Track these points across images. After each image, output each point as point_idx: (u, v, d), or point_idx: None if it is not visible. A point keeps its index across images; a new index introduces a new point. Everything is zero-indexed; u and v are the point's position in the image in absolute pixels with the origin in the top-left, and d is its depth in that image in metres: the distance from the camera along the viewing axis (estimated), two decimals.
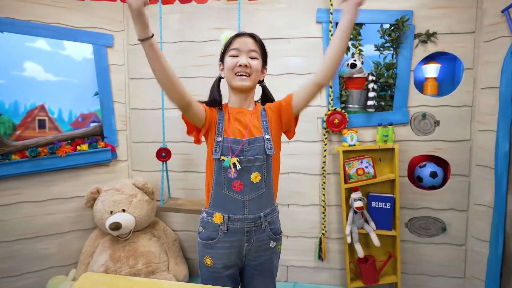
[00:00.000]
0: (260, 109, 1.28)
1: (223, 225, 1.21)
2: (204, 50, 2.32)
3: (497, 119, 2.03)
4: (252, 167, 1.19)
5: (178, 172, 2.40)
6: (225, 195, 1.21)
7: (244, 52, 1.21)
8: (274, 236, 1.27)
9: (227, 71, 1.24)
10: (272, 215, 1.27)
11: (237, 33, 1.25)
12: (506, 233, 2.03)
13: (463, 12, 2.09)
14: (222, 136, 1.21)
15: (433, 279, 2.28)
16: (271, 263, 1.29)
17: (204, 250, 1.24)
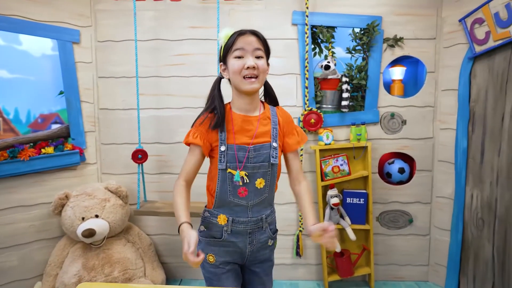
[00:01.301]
0: (270, 114, 1.24)
1: (227, 226, 1.20)
2: (178, 49, 2.27)
3: (456, 119, 2.23)
4: (257, 173, 1.18)
5: (152, 175, 2.33)
6: (230, 201, 1.20)
7: (249, 52, 1.14)
8: (272, 235, 1.29)
9: (234, 75, 1.16)
10: (272, 216, 1.29)
11: (239, 32, 1.16)
12: (465, 222, 2.23)
13: (425, 19, 2.26)
14: (226, 144, 1.17)
15: (401, 268, 2.44)
16: (269, 260, 1.32)
17: (207, 248, 1.23)
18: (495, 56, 2.02)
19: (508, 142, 1.98)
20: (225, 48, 1.18)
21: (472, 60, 2.12)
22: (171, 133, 2.31)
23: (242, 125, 1.19)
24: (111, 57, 2.28)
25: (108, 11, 2.25)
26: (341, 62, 2.35)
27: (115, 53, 2.27)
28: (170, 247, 2.41)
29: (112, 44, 2.27)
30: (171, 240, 2.40)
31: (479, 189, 2.14)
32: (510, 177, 1.98)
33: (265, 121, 1.21)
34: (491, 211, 2.08)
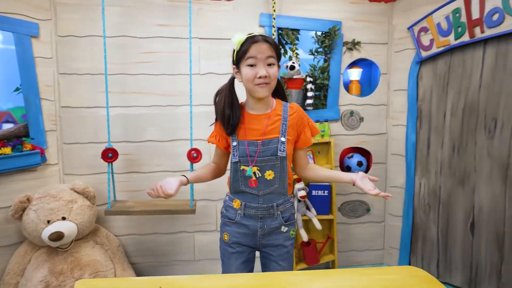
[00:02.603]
0: (281, 110, 1.31)
1: (241, 210, 1.34)
2: (147, 47, 2.24)
3: (406, 116, 2.49)
4: (265, 165, 1.29)
5: (120, 174, 2.28)
6: (242, 190, 1.33)
7: (261, 60, 1.20)
8: (285, 223, 1.37)
9: (247, 82, 1.24)
10: (285, 205, 1.37)
11: (252, 39, 1.20)
12: (414, 208, 2.50)
13: (379, 26, 2.48)
14: (237, 140, 1.29)
15: (360, 253, 2.66)
16: (285, 247, 1.38)
17: (224, 227, 1.40)
18: (438, 61, 2.30)
19: (449, 136, 2.27)
20: (238, 54, 1.24)
21: (419, 64, 2.39)
22: (139, 132, 2.28)
23: (253, 122, 1.30)
24: (73, 53, 2.19)
25: (68, 4, 2.16)
26: (304, 63, 2.49)
27: (78, 49, 2.19)
28: (139, 247, 2.38)
29: (75, 39, 2.18)
30: (140, 240, 2.37)
31: (426, 178, 2.42)
32: (451, 167, 2.27)
33: (275, 118, 1.31)
34: (436, 197, 2.37)
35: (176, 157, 2.32)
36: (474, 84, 2.13)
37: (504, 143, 2.01)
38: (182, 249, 2.41)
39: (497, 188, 2.05)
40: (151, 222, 2.36)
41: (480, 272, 2.16)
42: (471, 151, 2.16)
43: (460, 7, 2.10)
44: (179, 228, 2.40)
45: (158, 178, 2.28)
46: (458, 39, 2.13)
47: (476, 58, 2.11)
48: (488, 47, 2.05)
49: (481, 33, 2.03)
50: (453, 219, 2.28)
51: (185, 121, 2.27)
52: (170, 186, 1.29)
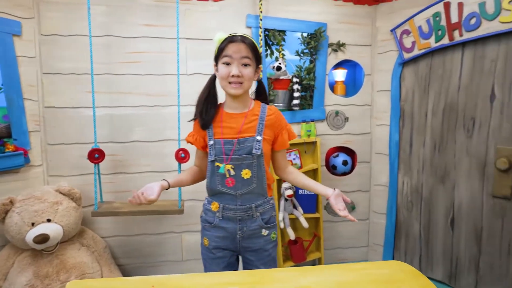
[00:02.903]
0: (259, 111, 1.34)
1: (219, 212, 1.33)
2: (133, 46, 2.23)
3: (389, 116, 2.55)
4: (242, 164, 1.29)
5: (107, 175, 2.25)
6: (219, 190, 1.32)
7: (236, 60, 1.24)
8: (265, 225, 1.36)
9: (221, 79, 1.29)
10: (264, 206, 1.36)
11: (230, 38, 1.26)
12: (398, 205, 2.58)
13: (363, 28, 2.54)
14: (214, 139, 1.30)
15: (346, 250, 2.72)
16: (265, 250, 1.37)
17: (203, 232, 1.39)
18: (419, 63, 2.37)
19: (431, 136, 2.35)
20: (217, 52, 1.30)
21: (401, 65, 2.46)
22: (126, 132, 2.27)
23: (230, 121, 1.31)
24: (57, 53, 2.15)
25: (52, 3, 2.12)
26: (291, 64, 2.53)
27: (62, 48, 2.15)
28: (126, 248, 2.36)
29: (59, 38, 2.15)
30: (127, 241, 2.35)
31: (408, 177, 2.49)
32: (432, 165, 2.35)
33: (252, 117, 1.32)
34: (418, 194, 2.44)
35: (163, 158, 2.32)
36: (454, 85, 2.21)
37: (482, 142, 2.09)
38: (169, 249, 2.41)
39: (475, 185, 2.13)
40: (138, 223, 2.35)
41: (459, 266, 2.25)
42: (451, 149, 2.24)
43: (440, 11, 2.17)
44: (166, 229, 2.39)
45: (145, 178, 2.29)
46: (438, 42, 2.21)
47: (455, 60, 2.19)
48: (466, 50, 2.13)
49: (460, 37, 2.11)
50: (435, 216, 2.36)
51: (172, 121, 2.27)
52: (151, 192, 1.29)
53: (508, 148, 1.97)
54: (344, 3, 2.49)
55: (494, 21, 1.96)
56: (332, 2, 2.47)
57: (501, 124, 2.01)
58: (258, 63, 1.34)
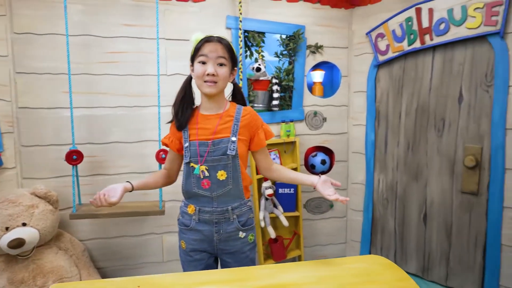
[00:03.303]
0: (235, 112, 1.35)
1: (195, 215, 1.33)
2: (112, 46, 2.20)
3: (365, 116, 2.64)
4: (217, 166, 1.29)
5: (84, 177, 2.21)
6: (195, 192, 1.32)
7: (212, 59, 1.26)
8: (242, 228, 1.36)
9: (196, 78, 1.31)
10: (241, 209, 1.36)
11: (206, 38, 1.28)
12: (374, 203, 2.67)
13: (339, 31, 2.62)
14: (189, 141, 1.30)
15: (324, 247, 2.78)
16: (243, 253, 1.37)
17: (181, 235, 1.39)
18: (393, 65, 2.47)
19: (404, 135, 2.45)
20: (193, 51, 1.31)
21: (376, 67, 2.55)
22: (105, 133, 2.23)
23: (205, 122, 1.32)
24: (32, 52, 2.09)
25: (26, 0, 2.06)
26: (270, 65, 2.56)
27: (37, 47, 2.10)
28: (105, 251, 2.32)
29: (33, 37, 2.09)
30: (106, 244, 2.32)
31: (384, 175, 2.59)
32: (406, 163, 2.45)
33: (227, 118, 1.33)
34: (393, 192, 2.54)
35: (143, 159, 2.30)
36: (425, 87, 2.31)
37: (451, 141, 2.21)
38: (150, 251, 2.39)
39: (446, 182, 2.24)
40: (117, 225, 2.32)
41: (431, 259, 2.36)
42: (423, 148, 2.35)
43: (412, 16, 2.27)
44: (146, 230, 2.38)
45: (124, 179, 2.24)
46: (411, 45, 2.31)
47: (427, 63, 2.29)
48: (437, 54, 2.24)
49: (431, 41, 2.21)
50: (408, 212, 2.46)
51: (152, 122, 2.26)
52: (113, 194, 1.25)
53: (475, 146, 2.09)
54: (322, 6, 2.56)
55: (461, 27, 2.08)
56: (310, 5, 2.53)
57: (468, 124, 2.13)
58: (234, 65, 1.35)
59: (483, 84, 2.06)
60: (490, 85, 2.03)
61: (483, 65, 2.05)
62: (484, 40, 2.03)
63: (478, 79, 2.08)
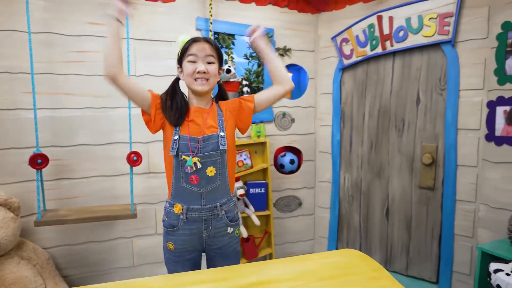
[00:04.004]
0: (216, 108, 1.38)
1: (183, 214, 1.31)
2: (78, 45, 2.11)
3: (331, 117, 2.76)
4: (207, 162, 1.30)
5: (49, 181, 2.11)
6: (183, 188, 1.31)
7: (201, 58, 1.29)
8: (230, 223, 1.38)
9: (187, 76, 1.31)
10: (228, 204, 1.38)
11: (194, 39, 1.31)
12: (340, 200, 2.79)
13: (306, 35, 2.71)
14: (179, 134, 1.29)
15: (294, 244, 2.87)
16: (230, 246, 1.40)
17: (167, 237, 1.35)
18: (357, 69, 2.61)
19: (368, 135, 2.60)
20: (181, 53, 1.32)
21: (341, 70, 2.67)
22: (70, 135, 2.14)
23: (194, 115, 1.32)
24: None
25: None
26: (240, 67, 2.60)
27: None
28: (72, 258, 2.23)
29: None
30: (73, 251, 2.23)
31: (349, 173, 2.72)
32: (369, 162, 2.60)
33: (213, 114, 1.36)
34: (358, 189, 2.68)
35: (112, 161, 2.24)
36: (386, 90, 2.47)
37: (410, 141, 2.38)
38: (120, 255, 2.33)
39: (406, 179, 2.41)
40: (84, 231, 2.23)
41: (393, 251, 2.52)
42: (385, 147, 2.50)
43: (374, 23, 2.41)
44: (116, 235, 2.31)
45: (92, 183, 2.19)
46: (373, 50, 2.45)
47: (388, 67, 2.45)
48: (396, 59, 2.41)
49: (391, 47, 2.37)
50: (372, 208, 2.61)
51: (121, 123, 2.21)
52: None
53: (431, 145, 2.27)
54: (289, 10, 2.64)
55: (418, 35, 2.24)
56: (278, 9, 2.60)
57: (425, 124, 2.31)
58: (221, 64, 1.38)
59: (438, 88, 2.24)
60: (444, 88, 2.22)
61: (437, 71, 2.24)
62: (438, 47, 2.21)
63: (433, 83, 2.26)
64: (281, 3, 2.59)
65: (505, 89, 1.94)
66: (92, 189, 2.21)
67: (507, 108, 1.94)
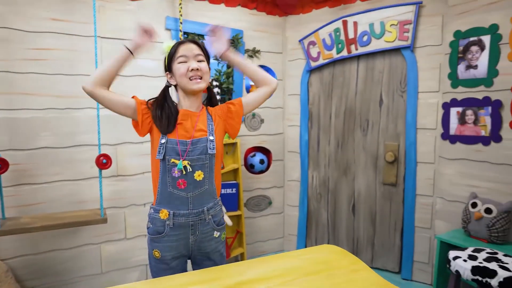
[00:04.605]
0: (206, 113, 1.36)
1: (169, 220, 1.27)
2: (38, 42, 1.99)
3: (299, 117, 2.84)
4: (195, 166, 1.27)
5: (7, 187, 1.96)
6: (170, 193, 1.27)
7: (191, 57, 1.27)
8: (217, 227, 1.36)
9: (180, 77, 1.27)
10: (215, 208, 1.35)
11: (179, 42, 1.30)
12: (309, 198, 2.88)
13: (275, 37, 2.77)
14: (166, 138, 1.25)
15: (264, 243, 2.92)
16: (217, 251, 1.37)
17: (153, 244, 1.29)
18: (324, 71, 2.71)
19: (334, 135, 2.70)
20: (168, 58, 1.29)
21: (309, 72, 2.76)
22: (31, 138, 2.01)
23: (184, 118, 1.29)
24: None
25: None
26: None
27: None
28: (34, 268, 2.09)
29: None
30: (34, 261, 2.09)
31: (317, 171, 2.81)
32: (336, 160, 2.71)
33: (203, 117, 1.34)
34: (325, 186, 2.78)
35: (77, 165, 2.13)
36: (352, 92, 2.59)
37: (374, 140, 2.51)
38: (87, 263, 2.23)
39: (370, 175, 2.55)
40: (47, 239, 2.11)
41: (360, 244, 2.65)
42: (351, 146, 2.63)
43: (339, 27, 2.52)
44: (82, 241, 2.21)
45: (55, 188, 2.09)
46: (339, 53, 2.56)
47: (353, 70, 2.57)
48: (361, 62, 2.53)
49: (356, 50, 2.49)
50: (339, 204, 2.72)
51: (87, 125, 2.12)
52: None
53: (393, 144, 2.42)
54: (258, 12, 2.67)
55: (380, 40, 2.38)
56: (247, 11, 2.62)
57: (388, 124, 2.45)
58: (209, 63, 1.36)
59: (399, 90, 2.40)
60: (404, 91, 2.37)
61: (398, 74, 2.39)
62: (398, 52, 2.36)
63: (395, 86, 2.41)
64: (250, 5, 2.62)
65: (458, 92, 2.13)
66: (55, 195, 2.09)
67: (459, 109, 2.13)
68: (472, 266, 1.51)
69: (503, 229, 1.86)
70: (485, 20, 1.99)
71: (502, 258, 1.56)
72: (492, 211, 1.89)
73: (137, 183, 2.33)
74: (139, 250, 2.36)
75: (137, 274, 2.39)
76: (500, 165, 1.96)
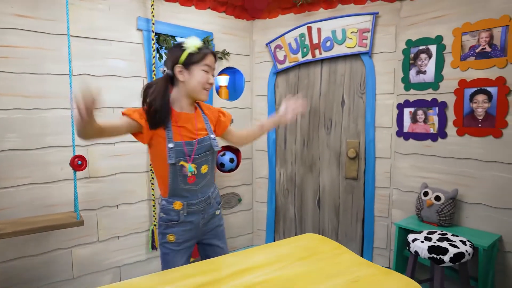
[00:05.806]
0: (200, 112, 1.47)
1: (183, 210, 1.41)
2: (2, 39, 1.89)
3: (267, 117, 2.96)
4: (202, 161, 1.41)
5: None
6: (181, 188, 1.40)
7: (211, 70, 1.40)
8: (218, 206, 1.54)
9: (197, 84, 1.37)
10: (215, 191, 1.53)
11: (210, 50, 1.40)
12: (276, 194, 3.03)
13: (242, 40, 2.87)
14: (173, 142, 1.34)
15: (235, 239, 3.00)
16: (220, 226, 1.56)
17: (168, 229, 1.42)
18: (290, 73, 2.86)
19: (300, 133, 2.87)
20: (193, 57, 1.34)
21: (275, 74, 2.90)
22: None
23: (185, 121, 1.39)
24: None
25: None
26: None
27: None
28: (9, 276, 1.99)
29: None
30: (6, 268, 1.99)
31: (284, 168, 2.96)
32: (302, 157, 2.88)
33: (199, 118, 1.45)
34: (292, 182, 2.94)
35: (46, 167, 2.06)
36: (316, 93, 2.77)
37: (337, 138, 2.72)
38: (57, 268, 2.15)
39: (334, 171, 2.75)
40: (14, 246, 2.01)
41: (325, 235, 2.81)
42: (316, 144, 2.81)
43: (304, 33, 2.69)
44: (52, 246, 2.13)
45: (22, 193, 2.02)
46: (304, 57, 2.73)
47: (317, 73, 2.75)
48: (324, 65, 2.72)
49: (320, 54, 2.67)
50: (306, 198, 2.90)
51: (56, 125, 2.06)
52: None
53: (354, 141, 2.64)
54: (227, 15, 2.76)
55: (342, 46, 2.59)
56: (216, 14, 2.69)
57: (349, 123, 2.67)
58: None
59: (358, 92, 2.62)
60: (363, 92, 2.60)
61: (358, 77, 2.61)
62: (358, 57, 2.59)
63: (355, 88, 2.63)
64: (219, 8, 2.69)
65: (410, 94, 2.39)
66: (22, 199, 2.01)
67: (411, 110, 2.39)
68: (428, 246, 1.74)
69: (450, 213, 2.14)
70: (432, 32, 2.26)
71: (451, 238, 1.82)
72: (440, 199, 2.16)
73: (109, 185, 2.30)
74: (112, 252, 2.33)
75: (110, 276, 2.36)
76: (446, 158, 2.25)
